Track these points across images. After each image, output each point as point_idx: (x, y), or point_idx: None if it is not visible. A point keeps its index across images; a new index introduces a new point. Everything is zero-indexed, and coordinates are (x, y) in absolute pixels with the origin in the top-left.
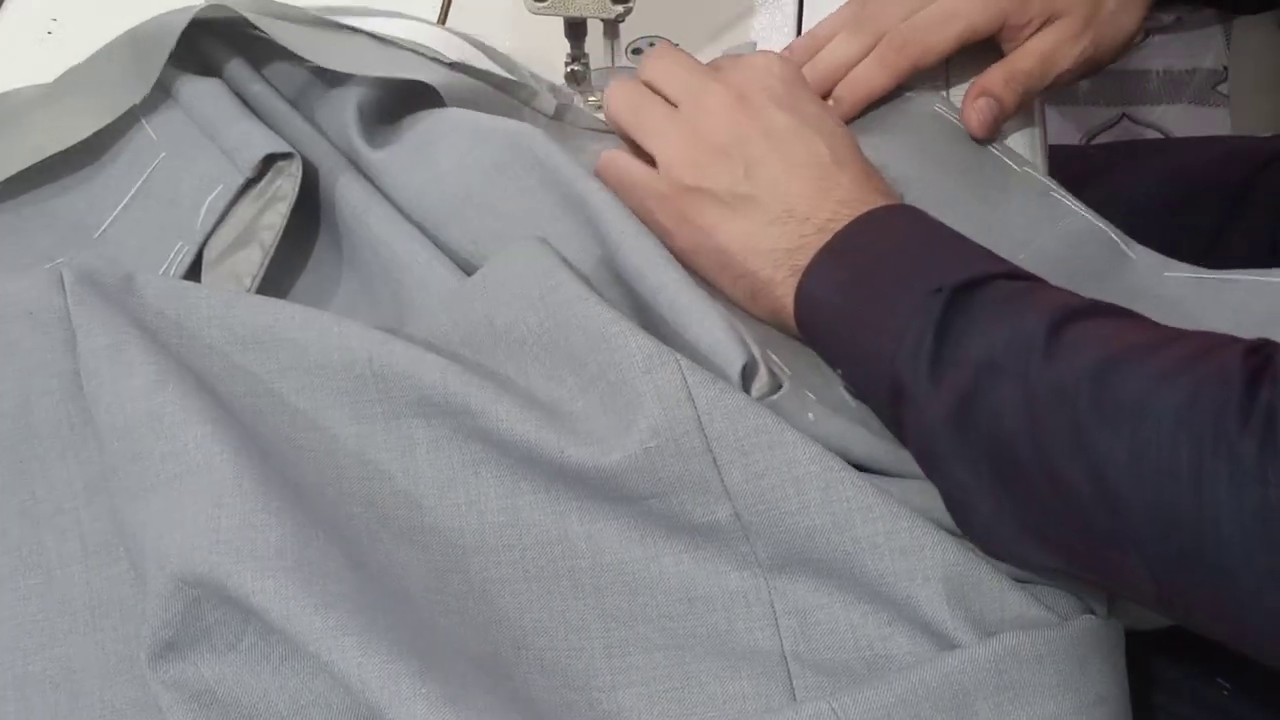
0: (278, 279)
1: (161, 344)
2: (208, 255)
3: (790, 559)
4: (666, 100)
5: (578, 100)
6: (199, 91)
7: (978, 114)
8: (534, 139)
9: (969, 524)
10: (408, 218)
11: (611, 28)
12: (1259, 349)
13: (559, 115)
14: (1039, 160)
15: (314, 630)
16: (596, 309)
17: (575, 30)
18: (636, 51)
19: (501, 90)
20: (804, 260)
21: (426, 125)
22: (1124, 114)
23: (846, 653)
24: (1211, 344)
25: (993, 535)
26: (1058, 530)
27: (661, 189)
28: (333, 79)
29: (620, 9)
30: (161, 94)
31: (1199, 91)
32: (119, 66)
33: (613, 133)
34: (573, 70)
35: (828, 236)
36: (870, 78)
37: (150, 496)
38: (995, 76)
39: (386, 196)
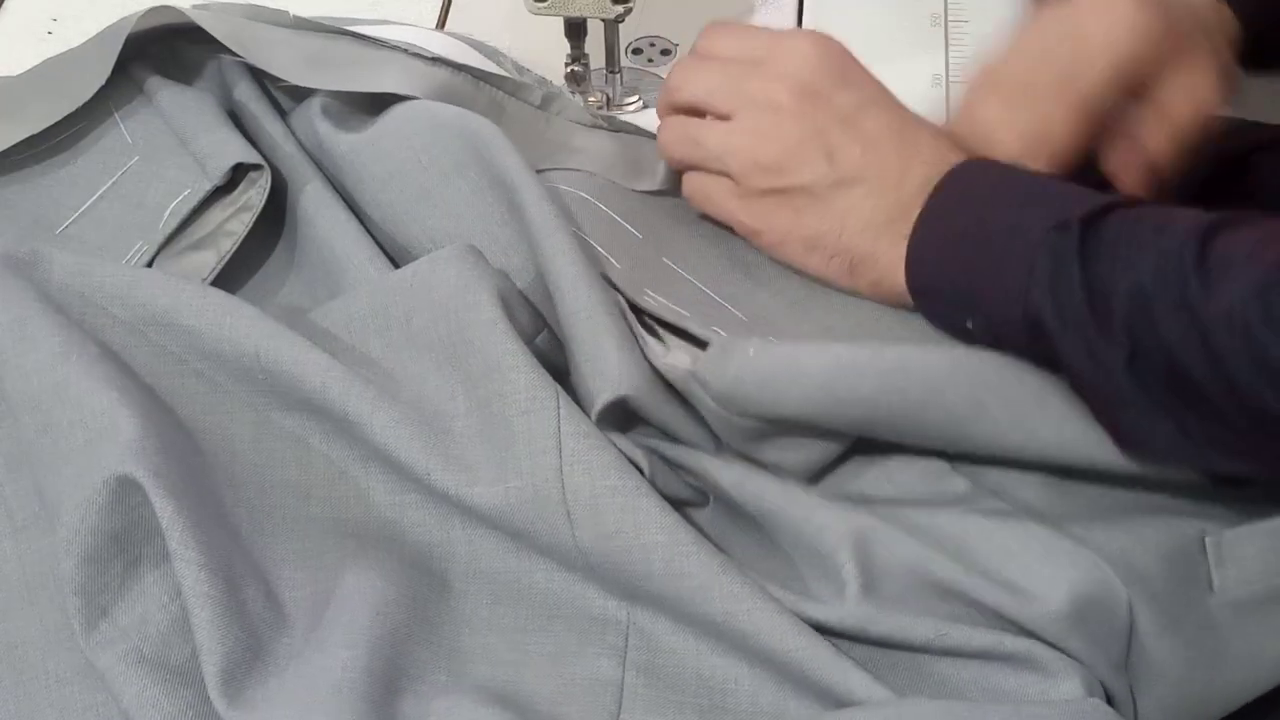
0: (231, 275)
1: (67, 317)
2: (165, 254)
3: (645, 607)
4: (716, 113)
5: (570, 94)
6: (180, 101)
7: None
8: (490, 140)
9: (1151, 446)
10: (366, 214)
11: (611, 28)
12: None
13: (545, 106)
14: None
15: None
16: (501, 336)
17: (575, 30)
18: (637, 51)
19: (487, 83)
20: (906, 228)
21: (393, 115)
22: None
23: (686, 697)
24: None
25: (1176, 453)
26: (1245, 441)
27: (741, 198)
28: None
29: (620, 9)
30: (142, 101)
31: None
32: (81, 61)
33: (601, 126)
34: (573, 70)
35: (923, 200)
36: None
37: (63, 466)
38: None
39: (349, 190)
